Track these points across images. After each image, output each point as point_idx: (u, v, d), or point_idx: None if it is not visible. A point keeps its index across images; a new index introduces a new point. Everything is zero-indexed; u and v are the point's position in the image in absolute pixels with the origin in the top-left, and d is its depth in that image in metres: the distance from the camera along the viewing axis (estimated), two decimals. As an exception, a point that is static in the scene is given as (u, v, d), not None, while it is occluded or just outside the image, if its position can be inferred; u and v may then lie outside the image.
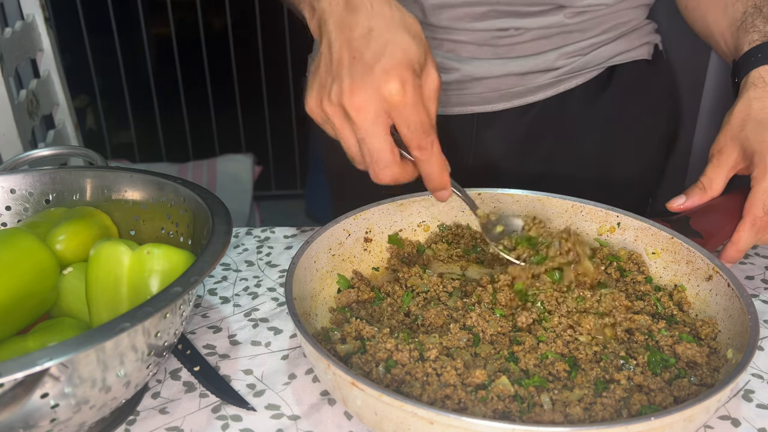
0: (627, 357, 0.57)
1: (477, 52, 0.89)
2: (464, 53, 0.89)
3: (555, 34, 0.88)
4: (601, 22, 0.89)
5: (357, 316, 0.63)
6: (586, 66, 0.91)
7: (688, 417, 0.47)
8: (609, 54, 0.91)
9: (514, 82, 0.90)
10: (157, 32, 2.57)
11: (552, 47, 0.89)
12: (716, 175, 0.72)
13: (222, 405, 0.59)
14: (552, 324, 0.60)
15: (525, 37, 0.87)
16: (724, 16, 0.82)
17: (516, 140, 0.95)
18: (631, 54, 0.92)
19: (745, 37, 0.78)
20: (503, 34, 0.87)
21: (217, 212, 0.60)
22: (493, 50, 0.89)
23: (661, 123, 0.99)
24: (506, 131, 0.94)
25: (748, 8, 0.80)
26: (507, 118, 0.93)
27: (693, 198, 0.72)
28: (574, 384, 0.54)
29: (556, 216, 0.75)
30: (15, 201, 0.68)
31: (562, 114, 0.93)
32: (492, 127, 0.94)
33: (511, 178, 0.95)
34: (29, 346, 0.53)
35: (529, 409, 0.51)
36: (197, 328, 0.70)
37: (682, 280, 0.67)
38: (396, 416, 0.48)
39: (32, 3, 1.43)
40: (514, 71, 0.89)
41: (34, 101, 1.41)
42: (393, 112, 0.54)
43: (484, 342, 0.59)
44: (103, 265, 0.58)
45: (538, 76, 0.90)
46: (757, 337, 0.53)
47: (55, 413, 0.46)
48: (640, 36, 0.93)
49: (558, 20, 0.86)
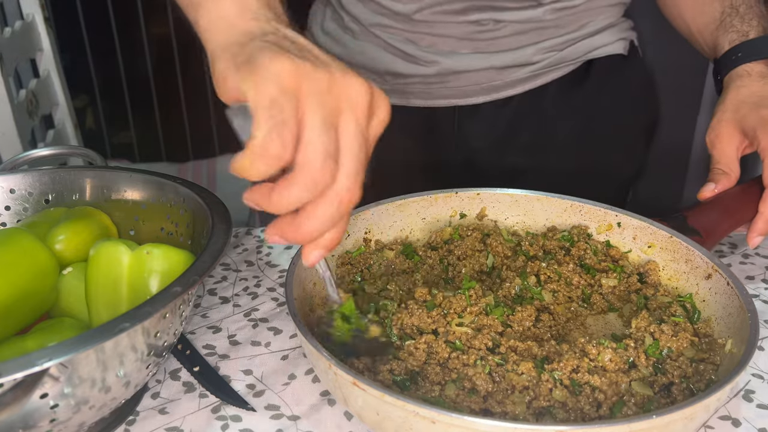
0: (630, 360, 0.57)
1: (457, 46, 0.91)
2: (444, 47, 0.91)
3: (532, 29, 0.90)
4: (577, 19, 0.91)
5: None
6: (563, 60, 0.93)
7: (688, 416, 0.47)
8: (585, 49, 0.93)
9: (493, 76, 0.92)
10: (157, 32, 2.57)
11: (529, 42, 0.91)
12: (729, 157, 0.74)
13: (222, 405, 0.59)
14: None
15: (503, 32, 0.89)
16: (702, 15, 0.86)
17: (496, 133, 0.97)
18: (608, 48, 0.94)
19: (724, 37, 0.81)
20: (482, 28, 0.89)
21: (216, 212, 0.60)
22: (472, 44, 0.90)
23: (638, 115, 1.01)
24: (487, 124, 0.96)
25: (726, 8, 0.83)
26: (487, 112, 0.95)
27: (721, 182, 0.73)
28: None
29: (555, 215, 0.75)
30: (14, 201, 0.68)
31: (541, 107, 0.95)
32: (473, 120, 0.96)
33: (493, 172, 0.98)
34: (29, 346, 0.53)
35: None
36: (197, 328, 0.70)
37: (681, 278, 0.67)
38: (398, 416, 0.48)
39: (32, 3, 1.43)
40: (494, 65, 0.91)
41: (34, 101, 1.41)
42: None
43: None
44: (103, 265, 0.58)
45: (516, 70, 0.92)
46: (757, 335, 0.53)
47: (54, 413, 0.46)
48: (616, 32, 0.95)
49: (536, 15, 0.88)
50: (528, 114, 0.95)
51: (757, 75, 0.77)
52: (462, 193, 0.76)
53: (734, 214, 0.72)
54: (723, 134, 0.74)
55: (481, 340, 0.58)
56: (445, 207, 0.76)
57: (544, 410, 0.52)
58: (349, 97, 0.43)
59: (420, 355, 0.57)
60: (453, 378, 0.55)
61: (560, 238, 0.72)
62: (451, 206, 0.76)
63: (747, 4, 0.82)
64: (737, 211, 0.72)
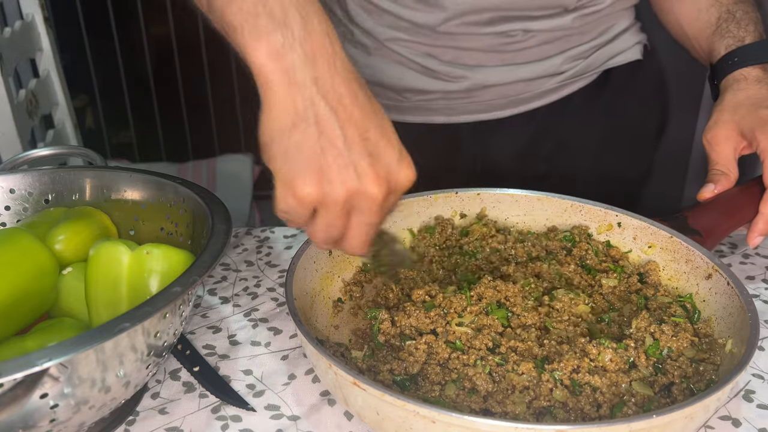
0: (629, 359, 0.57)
1: (483, 59, 0.88)
2: (470, 61, 0.88)
3: (558, 38, 0.89)
4: (599, 24, 0.91)
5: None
6: (587, 69, 0.92)
7: (688, 415, 0.47)
8: (607, 56, 0.93)
9: (522, 88, 0.91)
10: (157, 32, 2.57)
11: (556, 51, 0.90)
12: (727, 158, 0.74)
13: (222, 405, 0.59)
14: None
15: (531, 42, 0.88)
16: (698, 20, 0.86)
17: (520, 145, 0.95)
18: (627, 55, 0.94)
19: (720, 42, 0.81)
20: (510, 39, 0.87)
21: (216, 212, 0.60)
22: (499, 57, 0.88)
23: (652, 118, 1.01)
24: (511, 137, 0.95)
25: (722, 14, 0.83)
26: (512, 124, 0.94)
27: (721, 183, 0.73)
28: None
29: (555, 215, 0.75)
30: (14, 201, 0.68)
31: (564, 117, 0.94)
32: (497, 133, 0.94)
33: (513, 180, 0.96)
34: (29, 346, 0.53)
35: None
36: (197, 328, 0.70)
37: (681, 279, 0.67)
38: (398, 416, 0.48)
39: (32, 3, 1.43)
40: (523, 77, 0.89)
41: (34, 101, 1.41)
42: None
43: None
44: (103, 265, 0.58)
45: (544, 81, 0.91)
46: (757, 335, 0.53)
47: (54, 413, 0.46)
48: (632, 36, 0.94)
49: (564, 22, 0.87)
50: (551, 125, 0.94)
51: (754, 79, 0.77)
52: (462, 193, 0.76)
53: (734, 215, 0.72)
54: (720, 135, 0.74)
55: (481, 340, 0.58)
56: (445, 207, 0.76)
57: (545, 410, 0.52)
58: (366, 199, 0.48)
59: (420, 355, 0.57)
60: (453, 378, 0.55)
61: (562, 238, 0.72)
62: (451, 206, 0.76)
63: (743, 9, 0.82)
64: (737, 211, 0.72)
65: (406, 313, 0.61)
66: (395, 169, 0.48)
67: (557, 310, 0.62)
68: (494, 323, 0.60)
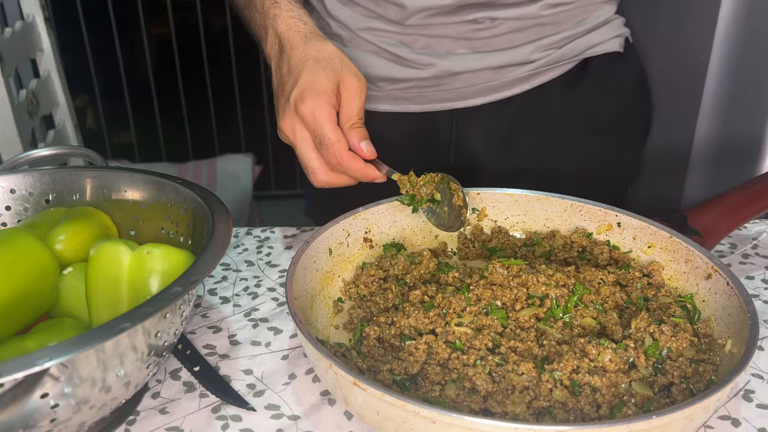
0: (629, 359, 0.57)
1: (453, 47, 0.90)
2: (440, 48, 0.90)
3: (530, 26, 0.89)
4: (574, 16, 0.91)
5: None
6: (561, 58, 0.92)
7: (688, 416, 0.47)
8: (582, 47, 0.93)
9: (491, 76, 0.91)
10: (157, 32, 2.57)
11: (527, 40, 0.90)
12: None
13: (222, 405, 0.60)
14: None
15: (500, 29, 0.88)
16: None
17: (496, 136, 0.96)
18: (605, 46, 0.94)
19: None
20: (479, 26, 0.88)
21: (217, 212, 0.60)
22: (469, 44, 0.89)
23: (633, 114, 1.01)
24: (486, 127, 0.95)
25: None
26: (486, 114, 0.94)
27: None
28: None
29: (555, 215, 0.75)
30: (15, 201, 0.68)
31: (540, 107, 0.94)
32: (472, 123, 0.95)
33: (494, 175, 0.97)
34: (29, 346, 0.53)
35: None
36: (197, 328, 0.70)
37: (681, 279, 0.67)
38: (398, 416, 0.48)
39: (32, 3, 1.43)
40: (491, 65, 0.90)
41: (34, 101, 1.41)
42: (309, 130, 0.67)
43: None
44: (103, 265, 0.58)
45: (514, 69, 0.91)
46: (756, 335, 0.53)
47: (54, 413, 0.47)
48: (611, 29, 0.94)
49: (531, 11, 0.88)
50: (528, 115, 0.94)
51: None
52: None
53: (734, 215, 0.72)
54: None
55: (481, 341, 0.58)
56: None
57: (544, 410, 0.52)
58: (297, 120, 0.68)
59: (420, 355, 0.57)
60: (453, 378, 0.55)
61: (563, 239, 0.72)
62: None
63: None
64: (737, 211, 0.72)
65: (405, 314, 0.61)
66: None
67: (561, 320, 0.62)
68: (494, 323, 0.60)
